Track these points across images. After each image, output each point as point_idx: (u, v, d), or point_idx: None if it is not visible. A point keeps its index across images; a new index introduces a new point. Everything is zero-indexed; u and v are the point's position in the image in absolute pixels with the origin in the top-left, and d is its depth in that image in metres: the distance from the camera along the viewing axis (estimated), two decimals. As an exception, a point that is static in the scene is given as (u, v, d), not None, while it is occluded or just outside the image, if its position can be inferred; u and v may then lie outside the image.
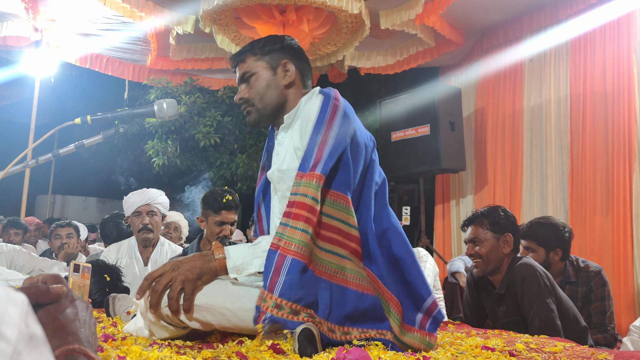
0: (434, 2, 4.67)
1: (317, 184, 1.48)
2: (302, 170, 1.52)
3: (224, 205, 3.00)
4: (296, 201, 1.47)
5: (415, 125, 5.61)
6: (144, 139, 8.34)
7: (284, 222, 1.48)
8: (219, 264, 1.52)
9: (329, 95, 1.66)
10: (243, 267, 1.52)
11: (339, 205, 1.53)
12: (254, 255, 1.52)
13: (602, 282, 2.96)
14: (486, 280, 2.73)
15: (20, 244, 4.69)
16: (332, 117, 1.59)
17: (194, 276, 1.49)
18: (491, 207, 2.72)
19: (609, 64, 4.73)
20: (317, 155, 1.52)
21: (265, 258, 1.49)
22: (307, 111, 1.64)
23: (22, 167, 1.80)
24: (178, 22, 5.02)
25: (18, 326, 0.53)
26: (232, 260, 1.52)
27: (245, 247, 1.57)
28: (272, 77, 1.75)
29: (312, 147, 1.54)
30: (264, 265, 1.48)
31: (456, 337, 1.79)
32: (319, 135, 1.55)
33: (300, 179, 1.51)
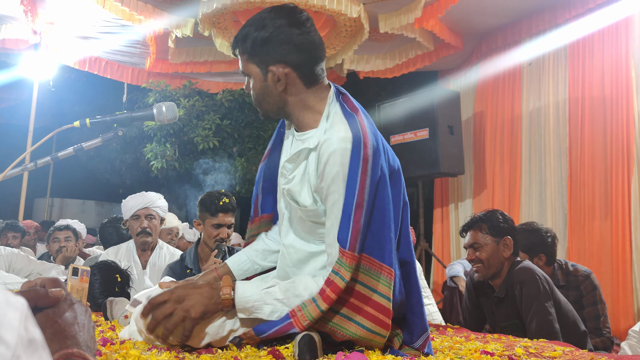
0: (433, 6, 4.68)
1: (355, 266, 1.44)
2: (343, 246, 1.43)
3: (220, 207, 2.99)
4: (334, 283, 1.42)
5: (414, 129, 5.61)
6: (142, 142, 8.34)
7: (315, 298, 1.43)
8: (224, 303, 1.48)
9: (358, 141, 1.46)
10: (252, 310, 1.47)
11: (382, 279, 1.46)
12: (265, 301, 1.47)
13: (592, 286, 2.95)
14: (486, 284, 2.73)
15: (18, 247, 4.68)
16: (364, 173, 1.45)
17: (196, 315, 1.45)
18: (489, 212, 2.73)
19: (607, 68, 4.74)
20: (354, 226, 1.44)
21: (274, 306, 1.46)
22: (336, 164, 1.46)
23: (21, 170, 1.79)
24: (177, 25, 5.02)
25: (17, 330, 0.53)
26: (241, 301, 1.47)
27: (257, 288, 1.50)
28: (264, 84, 1.57)
29: (349, 215, 1.44)
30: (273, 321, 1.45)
31: (455, 342, 1.79)
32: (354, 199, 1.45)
33: (342, 257, 1.43)
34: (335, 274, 1.43)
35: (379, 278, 1.45)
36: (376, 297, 1.45)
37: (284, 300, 1.47)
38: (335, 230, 1.46)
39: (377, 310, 1.44)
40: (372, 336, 1.45)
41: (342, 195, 1.46)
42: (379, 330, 1.44)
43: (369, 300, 1.45)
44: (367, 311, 1.44)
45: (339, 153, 1.45)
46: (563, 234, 4.98)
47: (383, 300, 1.44)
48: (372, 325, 1.44)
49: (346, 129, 1.49)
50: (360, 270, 1.46)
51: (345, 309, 1.46)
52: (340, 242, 1.44)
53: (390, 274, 1.46)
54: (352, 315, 1.45)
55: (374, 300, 1.45)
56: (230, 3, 4.38)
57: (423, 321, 1.60)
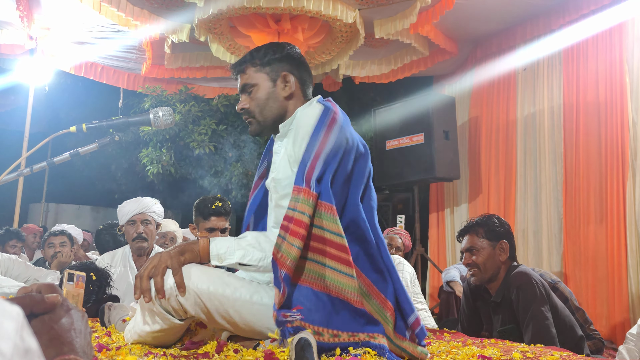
0: (428, 11, 4.70)
1: (312, 202, 1.52)
2: (299, 184, 1.54)
3: (213, 211, 3.00)
4: (295, 218, 1.51)
5: (409, 134, 5.62)
6: (138, 147, 8.33)
7: (282, 234, 1.51)
8: (202, 247, 1.59)
9: (328, 108, 1.68)
10: (225, 256, 1.58)
11: (327, 216, 1.55)
12: (238, 246, 1.59)
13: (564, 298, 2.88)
14: (483, 289, 2.73)
15: (19, 254, 4.66)
16: (329, 129, 1.61)
17: (176, 252, 1.57)
18: (485, 216, 2.74)
19: (601, 73, 4.77)
20: (310, 168, 1.54)
21: (246, 251, 1.57)
22: (304, 120, 1.66)
23: (17, 176, 1.79)
24: (173, 30, 5.02)
25: (13, 340, 0.53)
26: (215, 247, 1.59)
27: (231, 239, 1.63)
28: (272, 89, 1.76)
29: (307, 159, 1.56)
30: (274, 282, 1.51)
31: (452, 346, 1.79)
32: (314, 147, 1.57)
33: (297, 194, 1.53)
34: (292, 210, 1.51)
35: (322, 215, 1.54)
36: (328, 234, 1.53)
37: (254, 245, 1.59)
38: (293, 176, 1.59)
39: (336, 248, 1.53)
40: (340, 276, 1.51)
41: (302, 147, 1.59)
42: (345, 269, 1.52)
43: (325, 240, 1.53)
44: (328, 251, 1.53)
45: (305, 114, 1.68)
46: (558, 238, 4.99)
47: (336, 237, 1.53)
48: (336, 265, 1.52)
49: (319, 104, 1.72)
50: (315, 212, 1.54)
51: (312, 252, 1.54)
52: (297, 181, 1.54)
53: (331, 210, 1.54)
54: (321, 259, 1.53)
55: (328, 239, 1.53)
56: (226, 9, 4.38)
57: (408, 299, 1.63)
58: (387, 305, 1.57)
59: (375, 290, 1.58)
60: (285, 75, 1.76)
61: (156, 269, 1.53)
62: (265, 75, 1.77)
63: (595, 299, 4.58)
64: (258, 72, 1.77)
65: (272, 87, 1.76)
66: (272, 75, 1.77)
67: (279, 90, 1.76)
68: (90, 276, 2.51)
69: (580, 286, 4.71)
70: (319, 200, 1.55)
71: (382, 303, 1.57)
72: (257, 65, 1.78)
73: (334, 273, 1.52)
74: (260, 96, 1.77)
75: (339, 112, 1.69)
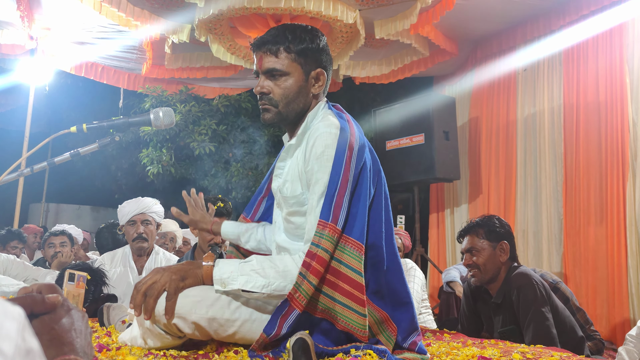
0: (428, 12, 4.70)
1: (337, 239, 1.49)
2: (325, 219, 1.48)
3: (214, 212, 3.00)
4: (318, 255, 1.46)
5: (409, 135, 5.63)
6: (138, 148, 8.32)
7: (303, 273, 1.46)
8: (205, 271, 1.53)
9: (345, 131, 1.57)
10: (228, 281, 1.50)
11: (352, 253, 1.50)
12: (241, 272, 1.50)
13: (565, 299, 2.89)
14: (483, 290, 2.73)
15: (19, 255, 4.67)
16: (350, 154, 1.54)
17: (176, 277, 1.50)
18: (486, 217, 2.74)
19: (601, 74, 4.77)
20: (337, 202, 1.49)
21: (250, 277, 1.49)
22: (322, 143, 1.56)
23: (17, 176, 1.79)
24: (173, 31, 5.02)
25: (15, 341, 0.53)
26: (219, 271, 1.52)
27: (236, 262, 1.55)
28: (304, 84, 1.66)
29: (333, 191, 1.50)
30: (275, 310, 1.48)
31: (452, 347, 1.79)
32: (339, 177, 1.51)
33: (323, 230, 1.47)
34: (316, 247, 1.47)
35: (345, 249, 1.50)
36: (346, 270, 1.49)
37: (259, 271, 1.50)
38: (317, 207, 1.52)
39: (350, 285, 1.48)
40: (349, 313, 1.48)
41: (326, 173, 1.53)
42: (356, 307, 1.48)
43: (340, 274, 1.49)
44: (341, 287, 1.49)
45: (324, 136, 1.56)
46: (558, 239, 4.99)
47: (354, 274, 1.49)
48: (347, 302, 1.48)
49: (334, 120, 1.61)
50: (337, 246, 1.50)
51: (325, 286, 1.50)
52: (323, 215, 1.49)
53: (360, 248, 1.50)
54: (336, 295, 1.49)
55: (344, 274, 1.49)
56: (226, 9, 4.38)
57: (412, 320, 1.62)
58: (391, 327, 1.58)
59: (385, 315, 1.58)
60: (320, 72, 1.67)
61: (152, 289, 1.48)
62: (299, 66, 1.65)
63: (595, 299, 4.58)
64: (292, 60, 1.64)
65: (304, 81, 1.66)
66: (307, 68, 1.65)
67: (310, 86, 1.67)
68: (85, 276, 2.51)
69: (580, 287, 4.71)
70: (346, 235, 1.51)
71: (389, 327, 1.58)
72: (292, 53, 1.64)
73: (344, 309, 1.49)
74: (289, 87, 1.64)
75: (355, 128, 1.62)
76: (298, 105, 1.67)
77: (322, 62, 1.68)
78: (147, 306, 1.47)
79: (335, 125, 1.58)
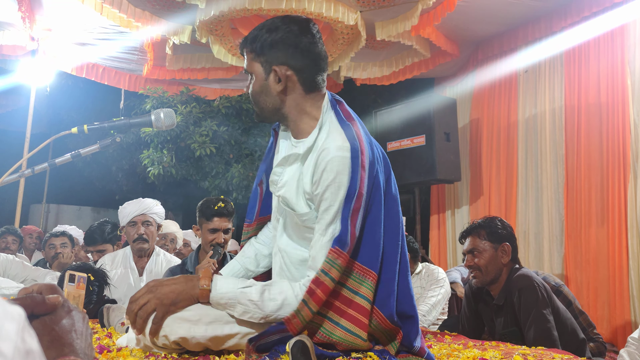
0: (429, 13, 4.70)
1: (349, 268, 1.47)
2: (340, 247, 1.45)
3: (215, 212, 3.00)
4: (324, 284, 1.44)
5: (410, 136, 5.62)
6: (139, 149, 8.33)
7: (306, 300, 1.44)
8: (201, 294, 1.49)
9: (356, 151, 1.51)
10: (225, 307, 1.49)
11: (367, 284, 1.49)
12: (239, 301, 1.47)
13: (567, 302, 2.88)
14: (484, 292, 2.73)
15: (16, 253, 4.67)
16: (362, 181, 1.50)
17: (168, 301, 1.47)
18: (488, 218, 2.74)
19: (603, 75, 4.76)
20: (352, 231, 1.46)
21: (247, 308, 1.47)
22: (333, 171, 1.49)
23: (18, 177, 1.79)
24: (174, 32, 5.02)
25: (14, 342, 0.52)
26: (216, 295, 1.49)
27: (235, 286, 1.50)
28: (264, 83, 1.61)
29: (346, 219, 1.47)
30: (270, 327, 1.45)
31: (453, 349, 1.79)
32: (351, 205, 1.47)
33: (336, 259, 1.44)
34: (325, 275, 1.44)
35: (363, 282, 1.48)
36: (358, 299, 1.47)
37: (257, 303, 1.47)
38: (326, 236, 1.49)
39: (358, 312, 1.47)
40: (352, 338, 1.47)
41: (338, 201, 1.48)
42: (359, 332, 1.46)
43: (352, 303, 1.48)
44: (349, 314, 1.47)
45: (336, 161, 1.49)
46: (560, 240, 4.98)
47: (364, 302, 1.48)
48: (352, 327, 1.47)
49: (343, 139, 1.53)
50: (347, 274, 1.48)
51: (331, 312, 1.48)
52: (340, 244, 1.45)
53: (373, 277, 1.49)
54: (336, 318, 1.48)
55: (356, 302, 1.47)
56: (227, 10, 4.38)
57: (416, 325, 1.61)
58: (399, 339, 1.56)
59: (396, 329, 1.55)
60: (277, 70, 1.58)
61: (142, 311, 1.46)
62: (259, 65, 1.61)
63: (596, 301, 4.57)
64: (254, 60, 1.62)
65: (264, 79, 1.61)
66: (265, 66, 1.60)
67: (271, 84, 1.60)
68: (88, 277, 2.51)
69: (581, 288, 4.70)
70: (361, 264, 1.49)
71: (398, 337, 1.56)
72: (253, 52, 1.62)
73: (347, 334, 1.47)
74: (254, 88, 1.64)
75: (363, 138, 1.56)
76: (266, 103, 1.63)
77: (283, 56, 1.58)
78: (137, 326, 1.47)
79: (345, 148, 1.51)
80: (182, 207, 10.61)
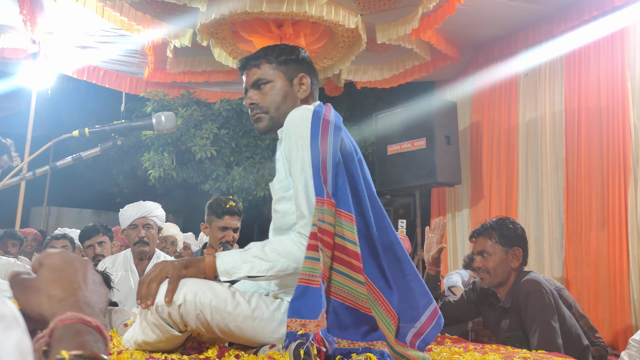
0: (430, 17, 4.71)
1: (334, 212, 1.53)
2: (320, 195, 1.52)
3: (227, 210, 3.05)
4: (326, 230, 1.49)
5: (411, 139, 5.63)
6: (140, 151, 8.34)
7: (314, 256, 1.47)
8: (208, 263, 1.57)
9: (317, 110, 1.66)
10: (232, 271, 1.56)
11: (345, 225, 1.54)
12: (244, 260, 1.56)
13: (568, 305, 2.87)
14: (490, 293, 2.71)
15: (17, 256, 4.67)
16: (326, 130, 1.60)
17: (179, 265, 1.55)
18: (500, 219, 2.69)
19: (603, 79, 4.77)
20: (324, 177, 1.53)
21: (253, 263, 1.55)
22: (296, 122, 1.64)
23: (19, 179, 1.79)
24: (175, 35, 5.03)
25: None
26: (222, 263, 1.57)
27: (236, 252, 1.60)
28: (289, 89, 1.79)
29: (317, 166, 1.55)
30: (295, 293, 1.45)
31: (454, 352, 1.79)
32: (318, 152, 1.56)
33: (322, 206, 1.51)
34: (321, 222, 1.49)
35: (344, 225, 1.53)
36: (349, 245, 1.53)
37: (261, 256, 1.56)
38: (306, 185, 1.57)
39: (353, 257, 1.52)
40: (352, 283, 1.51)
41: (303, 150, 1.58)
42: (355, 276, 1.51)
43: (345, 249, 1.53)
44: (347, 260, 1.52)
45: (296, 116, 1.64)
46: (560, 244, 4.98)
47: (352, 245, 1.53)
48: (347, 271, 1.52)
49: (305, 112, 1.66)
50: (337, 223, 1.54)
51: (336, 263, 1.52)
52: (317, 192, 1.52)
53: (351, 219, 1.55)
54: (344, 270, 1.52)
55: (348, 248, 1.53)
56: (228, 14, 4.39)
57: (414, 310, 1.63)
58: (391, 314, 1.56)
59: (382, 298, 1.57)
60: (303, 76, 1.80)
61: (156, 277, 1.52)
62: (282, 74, 1.79)
63: (597, 304, 4.57)
64: (274, 69, 1.79)
65: (289, 86, 1.79)
66: (289, 75, 1.79)
67: (295, 90, 1.79)
68: None
69: (581, 292, 4.70)
70: (338, 208, 1.54)
71: (387, 311, 1.56)
72: (273, 63, 1.79)
73: (345, 279, 1.52)
74: (276, 94, 1.78)
75: (331, 114, 1.68)
76: (287, 108, 1.75)
77: (304, 69, 1.81)
78: (150, 290, 1.50)
79: (307, 109, 1.66)
80: (182, 209, 10.62)
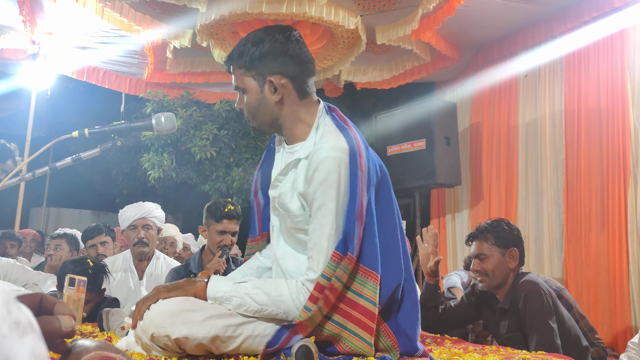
0: (429, 18, 4.71)
1: (351, 269, 1.49)
2: (341, 251, 1.47)
3: (225, 214, 3.03)
4: (334, 287, 1.46)
5: (410, 140, 5.62)
6: (139, 152, 8.34)
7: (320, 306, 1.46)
8: (199, 287, 1.54)
9: (354, 153, 1.51)
10: (221, 301, 1.52)
11: (370, 286, 1.50)
12: (235, 294, 1.51)
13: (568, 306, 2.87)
14: (490, 295, 2.71)
15: (16, 257, 4.66)
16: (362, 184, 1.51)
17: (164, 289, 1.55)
18: (495, 221, 2.69)
19: (603, 80, 4.77)
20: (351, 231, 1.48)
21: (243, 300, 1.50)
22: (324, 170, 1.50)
23: (19, 180, 1.79)
24: (175, 35, 5.03)
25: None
26: (212, 290, 1.53)
27: (230, 282, 1.56)
28: (261, 95, 1.61)
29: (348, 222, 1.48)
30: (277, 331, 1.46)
31: (454, 353, 1.78)
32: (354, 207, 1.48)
33: (340, 262, 1.46)
34: (328, 279, 1.46)
35: (366, 283, 1.50)
36: (363, 301, 1.49)
37: (253, 296, 1.51)
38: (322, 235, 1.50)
39: (364, 314, 1.49)
40: (356, 340, 1.48)
41: (331, 201, 1.50)
42: (364, 335, 1.48)
43: (356, 305, 1.49)
44: (355, 316, 1.49)
45: (329, 160, 1.50)
46: (560, 245, 4.98)
47: (369, 304, 1.49)
48: (358, 330, 1.48)
49: (338, 138, 1.54)
50: (352, 277, 1.50)
51: (337, 315, 1.50)
52: (349, 248, 1.47)
53: (376, 279, 1.50)
54: (343, 322, 1.49)
55: (360, 305, 1.49)
56: (228, 15, 4.39)
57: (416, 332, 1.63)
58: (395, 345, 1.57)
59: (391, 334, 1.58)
60: (272, 80, 1.58)
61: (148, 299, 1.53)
62: (252, 79, 1.61)
63: (597, 306, 4.57)
64: (244, 75, 1.62)
65: (260, 92, 1.61)
66: (259, 79, 1.60)
67: (267, 96, 1.60)
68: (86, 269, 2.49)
69: (581, 293, 4.69)
70: (363, 266, 1.50)
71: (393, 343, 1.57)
72: (241, 68, 1.62)
73: (351, 336, 1.49)
74: (250, 102, 1.63)
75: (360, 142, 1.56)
76: (264, 115, 1.63)
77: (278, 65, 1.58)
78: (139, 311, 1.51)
79: (341, 148, 1.51)
80: (182, 210, 10.61)
